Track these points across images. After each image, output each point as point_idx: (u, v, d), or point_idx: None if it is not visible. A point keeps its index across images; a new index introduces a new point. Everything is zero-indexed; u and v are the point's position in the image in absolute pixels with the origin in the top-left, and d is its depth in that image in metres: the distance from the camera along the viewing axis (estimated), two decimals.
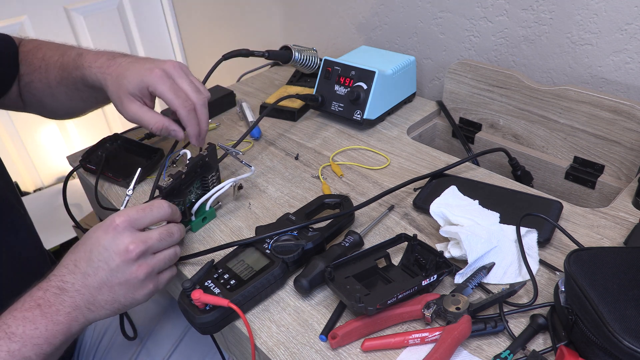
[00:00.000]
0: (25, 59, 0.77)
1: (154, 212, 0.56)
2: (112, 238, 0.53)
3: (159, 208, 0.57)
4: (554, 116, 0.84)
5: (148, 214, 0.56)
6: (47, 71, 0.74)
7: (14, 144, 1.73)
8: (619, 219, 0.66)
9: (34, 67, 0.75)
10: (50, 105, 0.80)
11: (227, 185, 0.69)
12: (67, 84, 0.74)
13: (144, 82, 0.65)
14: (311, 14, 1.30)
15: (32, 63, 0.76)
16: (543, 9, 0.85)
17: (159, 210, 0.57)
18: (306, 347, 0.53)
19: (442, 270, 0.56)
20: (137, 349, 0.83)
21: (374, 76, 0.87)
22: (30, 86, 0.77)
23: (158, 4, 1.86)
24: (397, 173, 0.79)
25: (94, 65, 0.69)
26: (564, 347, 0.47)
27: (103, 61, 0.69)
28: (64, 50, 0.75)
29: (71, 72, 0.72)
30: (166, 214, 0.58)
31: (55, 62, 0.74)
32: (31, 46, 0.78)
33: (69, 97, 0.76)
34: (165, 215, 0.58)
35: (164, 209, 0.57)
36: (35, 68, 0.75)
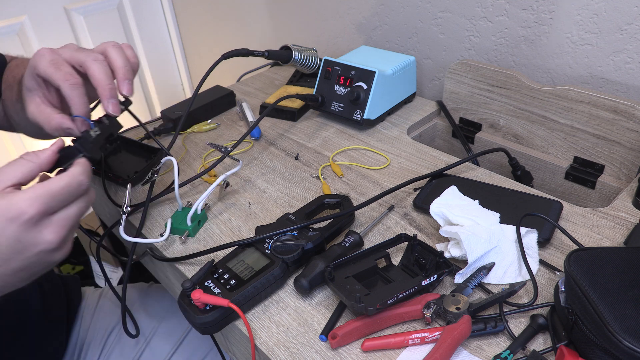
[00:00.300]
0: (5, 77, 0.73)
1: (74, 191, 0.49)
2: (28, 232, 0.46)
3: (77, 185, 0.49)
4: (554, 116, 0.84)
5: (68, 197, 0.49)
6: (12, 89, 0.70)
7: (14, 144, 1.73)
8: (619, 219, 0.66)
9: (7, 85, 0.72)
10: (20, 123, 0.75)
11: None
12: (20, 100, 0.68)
13: (32, 66, 0.56)
14: (311, 14, 1.30)
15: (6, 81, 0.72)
16: (543, 9, 0.85)
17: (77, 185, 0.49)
18: (306, 347, 0.53)
19: (442, 270, 0.56)
20: (141, 348, 0.83)
21: (374, 76, 0.87)
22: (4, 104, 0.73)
23: (158, 4, 1.86)
24: (397, 173, 0.79)
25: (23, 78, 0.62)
26: (564, 347, 0.47)
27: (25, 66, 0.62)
28: None
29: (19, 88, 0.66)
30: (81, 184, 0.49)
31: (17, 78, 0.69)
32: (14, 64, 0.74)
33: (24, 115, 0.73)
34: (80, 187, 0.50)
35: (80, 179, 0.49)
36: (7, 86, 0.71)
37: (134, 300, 0.90)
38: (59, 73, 0.55)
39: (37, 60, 0.56)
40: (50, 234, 0.47)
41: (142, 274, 1.24)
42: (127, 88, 0.58)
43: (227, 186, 0.77)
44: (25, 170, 0.49)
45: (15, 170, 0.48)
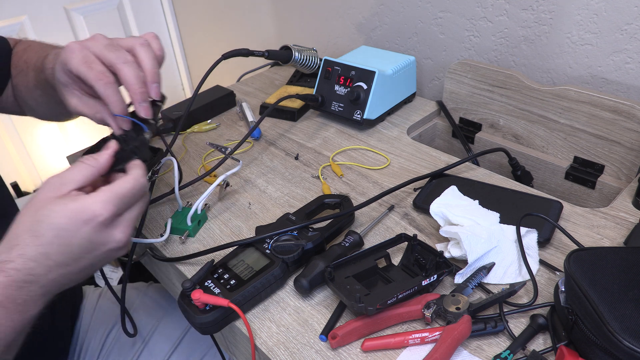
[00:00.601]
0: (14, 62, 0.74)
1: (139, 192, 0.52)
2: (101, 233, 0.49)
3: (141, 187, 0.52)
4: (554, 116, 0.84)
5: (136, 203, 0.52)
6: (27, 74, 0.71)
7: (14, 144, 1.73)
8: (619, 219, 0.66)
9: (18, 70, 0.73)
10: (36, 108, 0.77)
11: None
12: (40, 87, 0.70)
13: (62, 62, 0.57)
14: (311, 14, 1.30)
15: (17, 66, 0.73)
16: (543, 9, 0.85)
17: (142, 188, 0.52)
18: (306, 347, 0.53)
19: (442, 270, 0.56)
20: (140, 347, 0.83)
21: (374, 76, 0.87)
22: (17, 89, 0.75)
23: (158, 4, 1.86)
24: (397, 173, 0.79)
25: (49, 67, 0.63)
26: (564, 347, 0.47)
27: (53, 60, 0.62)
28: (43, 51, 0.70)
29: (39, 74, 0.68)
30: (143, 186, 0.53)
31: (32, 65, 0.70)
32: (21, 48, 0.75)
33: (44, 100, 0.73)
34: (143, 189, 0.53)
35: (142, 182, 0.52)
36: (19, 71, 0.73)
37: (133, 299, 0.90)
38: (91, 72, 0.55)
39: (67, 57, 0.56)
40: (119, 234, 0.50)
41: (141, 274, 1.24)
42: (155, 92, 0.59)
43: (227, 186, 0.77)
44: (87, 174, 0.51)
45: (78, 174, 0.51)
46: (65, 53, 0.56)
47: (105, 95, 0.56)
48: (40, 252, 0.47)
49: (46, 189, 0.49)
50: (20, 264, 0.46)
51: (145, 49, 0.58)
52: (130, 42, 0.58)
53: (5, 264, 0.46)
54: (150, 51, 0.58)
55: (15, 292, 0.46)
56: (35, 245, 0.47)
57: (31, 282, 0.47)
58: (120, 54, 0.56)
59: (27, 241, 0.47)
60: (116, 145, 0.55)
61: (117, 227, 0.50)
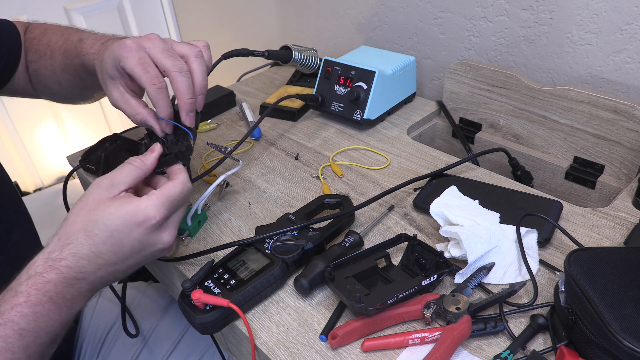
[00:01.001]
0: (31, 45, 0.75)
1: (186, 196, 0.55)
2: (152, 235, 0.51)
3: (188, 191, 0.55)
4: (554, 116, 0.84)
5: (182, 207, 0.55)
6: (52, 58, 0.72)
7: (14, 144, 1.73)
8: (619, 219, 0.66)
9: (40, 54, 0.73)
10: (58, 91, 0.78)
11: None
12: (70, 71, 0.71)
13: (116, 58, 0.58)
14: (311, 13, 1.30)
15: (38, 50, 0.74)
16: (543, 9, 0.85)
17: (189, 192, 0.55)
18: (306, 347, 0.53)
19: (442, 270, 0.56)
20: (139, 346, 0.83)
21: (374, 76, 0.87)
22: (37, 73, 0.75)
23: (158, 4, 1.86)
24: (397, 173, 0.79)
25: (90, 52, 0.65)
26: (564, 347, 0.47)
27: (98, 47, 0.65)
28: (68, 35, 0.72)
29: (73, 59, 0.69)
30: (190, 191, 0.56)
31: (59, 49, 0.71)
32: (38, 32, 0.76)
33: (73, 84, 0.74)
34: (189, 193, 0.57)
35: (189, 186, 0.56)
36: (41, 55, 0.73)
37: (132, 299, 0.90)
38: (146, 75, 0.57)
39: (123, 55, 0.57)
40: (167, 236, 0.53)
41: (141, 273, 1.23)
42: (201, 103, 0.61)
43: (227, 186, 0.77)
44: (135, 176, 0.54)
45: (127, 176, 0.53)
46: (121, 50, 0.57)
47: (156, 99, 0.58)
48: (93, 251, 0.49)
49: (98, 190, 0.51)
50: (72, 262, 0.48)
51: (199, 61, 0.60)
52: (185, 49, 0.60)
53: (58, 262, 0.48)
54: (203, 63, 0.60)
55: (65, 288, 0.48)
56: (88, 245, 0.49)
57: (81, 279, 0.49)
58: (176, 62, 0.58)
59: (81, 240, 0.49)
60: (161, 148, 0.58)
61: (166, 230, 0.53)
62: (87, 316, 0.89)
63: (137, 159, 0.55)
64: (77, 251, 0.48)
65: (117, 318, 0.86)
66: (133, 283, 0.97)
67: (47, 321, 0.47)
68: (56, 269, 0.47)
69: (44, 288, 0.47)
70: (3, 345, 0.45)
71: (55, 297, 0.47)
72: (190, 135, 0.61)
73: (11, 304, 0.46)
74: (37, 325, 0.47)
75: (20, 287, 0.47)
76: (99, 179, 0.53)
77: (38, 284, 0.47)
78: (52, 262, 0.48)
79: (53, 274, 0.47)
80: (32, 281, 0.47)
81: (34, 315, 0.46)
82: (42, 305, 0.47)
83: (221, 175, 0.69)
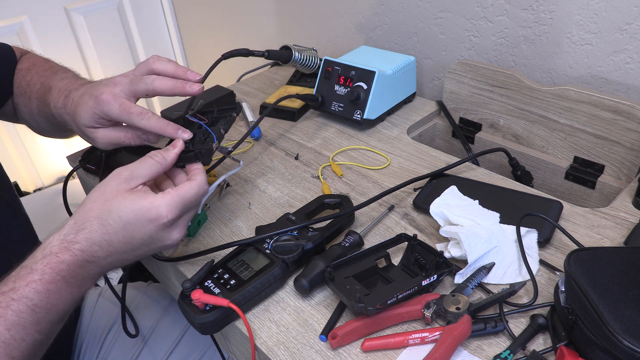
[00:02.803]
0: (16, 78, 0.76)
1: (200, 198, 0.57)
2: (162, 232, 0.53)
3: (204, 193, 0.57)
4: (554, 116, 0.84)
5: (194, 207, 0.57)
6: (30, 99, 0.73)
7: (14, 144, 1.73)
8: (619, 219, 0.66)
9: (21, 91, 0.74)
10: (36, 128, 0.79)
11: (216, 184, 0.69)
12: (44, 116, 0.72)
13: (96, 114, 0.62)
14: (311, 13, 1.30)
15: (20, 85, 0.75)
16: (543, 9, 0.85)
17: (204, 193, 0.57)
18: (306, 347, 0.53)
19: (442, 270, 0.56)
20: (139, 346, 0.83)
21: (374, 76, 0.87)
22: (18, 108, 0.76)
23: (158, 4, 1.86)
24: (397, 173, 0.79)
25: (57, 106, 0.67)
26: (564, 347, 0.47)
27: (62, 101, 0.66)
28: (45, 78, 0.72)
29: (44, 107, 0.70)
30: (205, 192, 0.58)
31: (36, 93, 0.72)
32: (26, 65, 0.76)
33: (50, 128, 0.76)
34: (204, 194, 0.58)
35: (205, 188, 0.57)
36: (22, 92, 0.74)
37: (132, 299, 0.90)
38: (132, 116, 0.60)
39: (105, 110, 0.61)
40: (177, 234, 0.55)
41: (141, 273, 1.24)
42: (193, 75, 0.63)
43: (227, 186, 0.77)
44: (154, 170, 0.56)
45: (147, 170, 0.55)
46: (101, 105, 0.61)
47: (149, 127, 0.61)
48: (105, 239, 0.51)
49: (117, 181, 0.53)
50: (85, 246, 0.51)
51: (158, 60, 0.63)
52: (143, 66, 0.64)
53: (72, 244, 0.50)
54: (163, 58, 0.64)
55: (77, 269, 0.50)
56: (101, 232, 0.51)
57: (92, 262, 0.51)
58: (145, 79, 0.61)
59: (95, 227, 0.51)
60: (183, 145, 0.59)
61: (176, 228, 0.55)
62: (86, 316, 0.89)
63: (159, 154, 0.57)
64: (91, 237, 0.51)
65: (117, 318, 0.86)
66: (133, 283, 0.97)
67: (58, 298, 0.49)
68: (70, 251, 0.50)
69: (58, 267, 0.49)
70: (16, 320, 0.47)
71: (68, 277, 0.50)
72: (214, 138, 0.62)
73: (26, 281, 0.48)
74: (49, 302, 0.49)
75: (35, 265, 0.49)
76: (119, 170, 0.54)
77: (52, 263, 0.49)
78: (67, 243, 0.50)
79: (67, 255, 0.50)
80: (47, 260, 0.49)
81: (47, 292, 0.48)
82: (55, 283, 0.49)
83: (221, 176, 0.69)
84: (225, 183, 0.75)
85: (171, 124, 0.61)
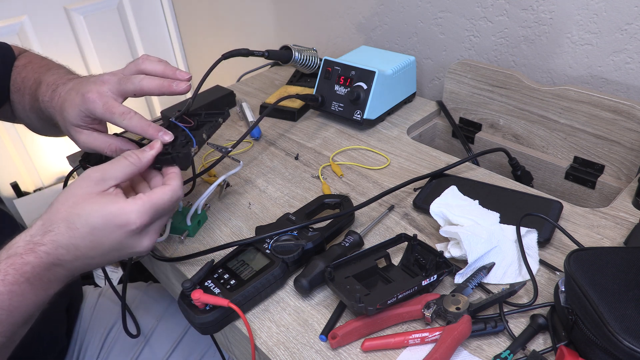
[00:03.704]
0: (14, 77, 0.75)
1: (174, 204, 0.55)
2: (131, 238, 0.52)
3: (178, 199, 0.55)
4: (554, 116, 0.84)
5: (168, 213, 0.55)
6: (23, 96, 0.73)
7: (14, 144, 1.73)
8: (619, 219, 0.66)
9: (16, 87, 0.74)
10: (29, 126, 0.79)
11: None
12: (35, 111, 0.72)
13: (82, 112, 0.61)
14: (311, 13, 1.30)
15: (15, 82, 0.74)
16: (543, 9, 0.85)
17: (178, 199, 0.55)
18: (306, 347, 0.53)
19: (442, 270, 0.56)
20: (140, 346, 0.83)
21: (374, 76, 0.87)
22: (13, 105, 0.76)
23: (158, 4, 1.86)
24: (397, 173, 0.79)
25: (44, 100, 0.66)
26: (564, 347, 0.47)
27: (49, 95, 0.66)
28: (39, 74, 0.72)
29: (34, 102, 0.70)
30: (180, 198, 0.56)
31: (29, 88, 0.72)
32: (22, 62, 0.76)
33: (40, 124, 0.75)
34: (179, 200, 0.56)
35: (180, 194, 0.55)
36: (17, 89, 0.74)
37: (133, 299, 0.91)
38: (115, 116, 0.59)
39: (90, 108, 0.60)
40: (147, 241, 0.53)
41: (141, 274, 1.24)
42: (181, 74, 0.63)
43: (227, 186, 0.77)
44: (128, 172, 0.54)
45: (119, 171, 0.53)
46: (88, 104, 0.60)
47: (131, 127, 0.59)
48: (72, 243, 0.50)
49: (87, 182, 0.51)
50: (51, 249, 0.49)
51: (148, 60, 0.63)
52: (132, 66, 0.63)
53: (38, 246, 0.49)
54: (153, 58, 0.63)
55: (42, 272, 0.49)
56: (68, 236, 0.49)
57: (58, 265, 0.50)
58: (133, 78, 0.61)
59: (62, 230, 0.49)
60: (161, 146, 0.57)
61: (146, 235, 0.53)
62: (86, 316, 0.89)
63: (134, 155, 0.55)
64: (57, 239, 0.49)
65: (118, 318, 0.86)
66: (133, 283, 0.97)
67: (21, 301, 0.48)
68: (35, 253, 0.48)
69: (22, 269, 0.47)
70: None
71: (32, 279, 0.48)
72: (193, 143, 0.60)
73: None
74: (11, 304, 0.47)
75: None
76: (90, 170, 0.52)
77: (16, 264, 0.47)
78: (33, 245, 0.49)
79: (32, 257, 0.48)
80: (11, 261, 0.48)
81: (9, 294, 0.47)
82: (19, 285, 0.47)
83: (221, 176, 0.69)
84: (225, 183, 0.75)
85: (153, 125, 0.60)
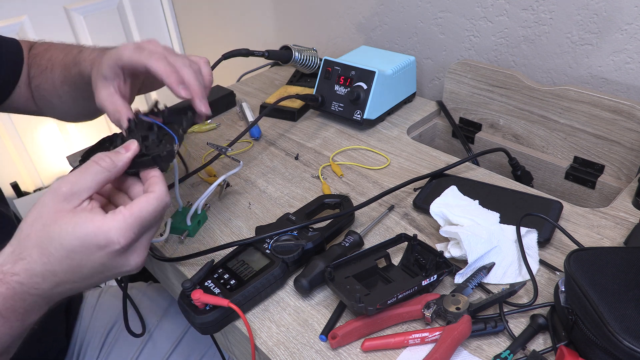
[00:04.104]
0: (34, 62, 0.76)
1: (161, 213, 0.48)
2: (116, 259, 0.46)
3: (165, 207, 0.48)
4: (554, 116, 0.84)
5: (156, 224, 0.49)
6: (53, 71, 0.73)
7: (14, 144, 1.73)
8: (619, 219, 0.66)
9: (42, 69, 0.74)
10: (59, 106, 0.78)
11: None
12: (68, 82, 0.71)
13: (113, 58, 0.56)
14: (311, 13, 1.30)
15: (40, 64, 0.74)
16: (543, 9, 0.85)
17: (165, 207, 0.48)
18: (306, 347, 0.53)
19: (442, 270, 0.56)
20: (140, 346, 0.83)
21: (374, 76, 0.87)
22: (39, 88, 0.76)
23: (158, 4, 1.86)
24: (397, 173, 0.79)
25: (88, 59, 0.63)
26: (564, 347, 0.47)
27: (96, 54, 0.63)
28: (70, 49, 0.72)
29: (71, 69, 0.69)
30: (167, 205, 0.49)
31: (60, 62, 0.71)
32: (41, 49, 0.77)
33: (72, 97, 0.74)
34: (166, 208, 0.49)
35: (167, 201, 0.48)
36: (43, 69, 0.74)
37: (133, 299, 0.90)
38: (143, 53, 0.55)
39: (120, 52, 0.56)
40: (136, 258, 0.47)
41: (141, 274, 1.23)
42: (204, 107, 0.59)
43: (227, 186, 0.77)
44: (101, 179, 0.47)
45: (90, 180, 0.46)
46: (120, 49, 0.56)
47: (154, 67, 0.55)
48: (48, 270, 0.44)
49: (54, 200, 0.45)
50: (25, 279, 0.44)
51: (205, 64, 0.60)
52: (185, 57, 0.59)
53: (9, 276, 0.44)
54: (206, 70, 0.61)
55: (17, 303, 0.44)
56: (42, 263, 0.44)
57: (35, 295, 0.45)
58: (181, 59, 0.57)
59: (35, 257, 0.44)
60: (138, 148, 0.50)
61: (134, 253, 0.47)
62: (86, 316, 0.89)
63: (107, 158, 0.48)
64: (31, 268, 0.44)
65: (118, 318, 0.86)
66: (133, 283, 0.97)
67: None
68: (7, 284, 0.43)
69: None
70: None
71: (4, 311, 0.43)
72: (175, 140, 0.54)
73: None
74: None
75: None
76: (57, 184, 0.45)
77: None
78: (3, 275, 0.43)
79: (3, 288, 0.43)
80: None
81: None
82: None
83: (221, 176, 0.69)
84: (225, 183, 0.75)
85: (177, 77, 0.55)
